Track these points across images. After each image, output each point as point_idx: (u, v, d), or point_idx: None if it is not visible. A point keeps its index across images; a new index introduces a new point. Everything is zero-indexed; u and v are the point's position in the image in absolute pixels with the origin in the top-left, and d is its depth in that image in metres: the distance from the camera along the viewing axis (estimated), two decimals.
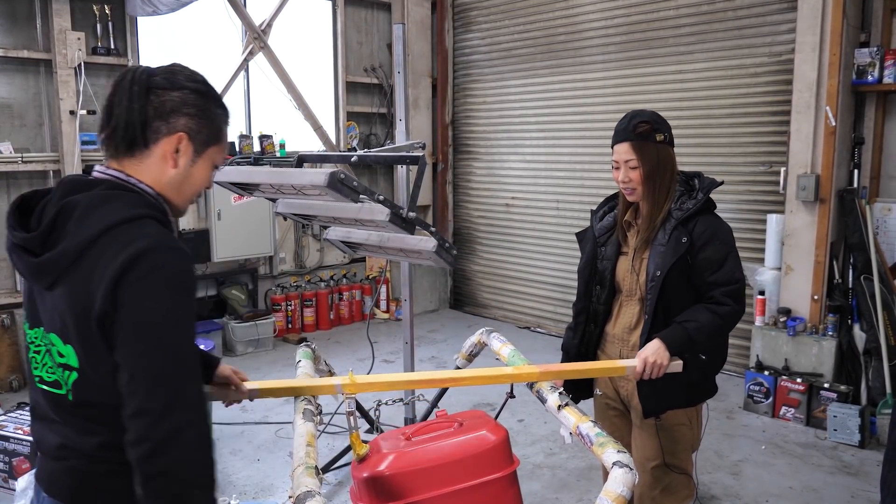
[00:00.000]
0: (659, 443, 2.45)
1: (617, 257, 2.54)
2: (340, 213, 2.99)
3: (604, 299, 2.57)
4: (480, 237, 7.51)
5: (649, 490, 2.50)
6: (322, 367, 2.98)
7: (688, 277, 2.36)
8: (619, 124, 2.45)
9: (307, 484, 1.65)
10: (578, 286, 2.67)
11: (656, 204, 2.42)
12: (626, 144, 2.40)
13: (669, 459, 2.45)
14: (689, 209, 2.38)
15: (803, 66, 4.74)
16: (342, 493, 3.69)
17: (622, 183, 2.44)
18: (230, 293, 6.33)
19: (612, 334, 2.57)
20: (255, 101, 6.62)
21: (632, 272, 2.48)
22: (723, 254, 2.35)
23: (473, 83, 7.35)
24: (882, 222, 4.78)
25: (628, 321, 2.51)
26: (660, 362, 2.27)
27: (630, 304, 2.51)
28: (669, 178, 2.43)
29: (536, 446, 4.27)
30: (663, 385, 2.33)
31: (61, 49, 5.21)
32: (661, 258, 2.36)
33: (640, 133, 2.39)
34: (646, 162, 2.38)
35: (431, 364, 5.83)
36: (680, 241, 2.35)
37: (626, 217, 2.53)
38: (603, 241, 2.61)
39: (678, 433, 2.46)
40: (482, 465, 2.08)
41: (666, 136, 2.43)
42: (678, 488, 2.49)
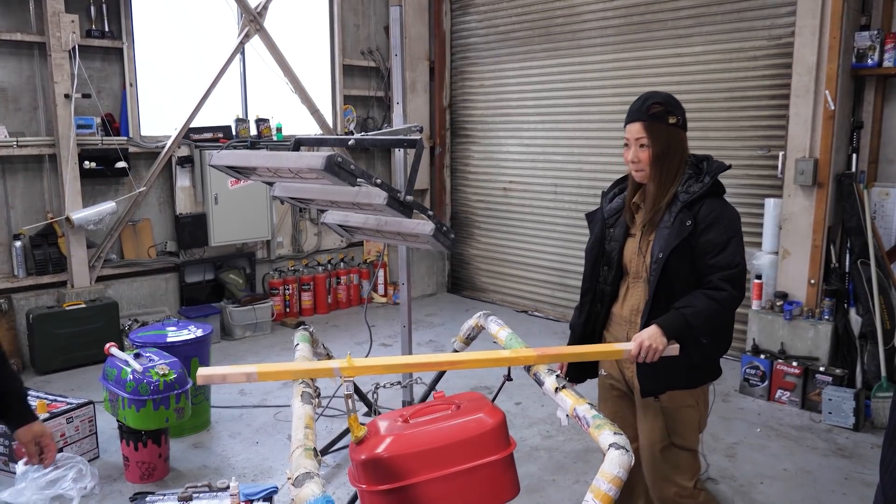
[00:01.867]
0: (664, 423, 2.47)
1: (625, 239, 2.54)
2: (338, 196, 2.98)
3: (611, 280, 2.57)
4: (478, 221, 7.50)
5: (657, 469, 2.53)
6: (320, 350, 3.00)
7: (691, 260, 2.37)
8: (634, 104, 2.46)
9: (306, 466, 1.66)
10: (585, 266, 2.68)
11: (662, 186, 2.42)
12: (639, 124, 2.41)
13: (675, 440, 2.48)
14: (695, 192, 2.38)
15: (803, 49, 4.72)
16: (341, 475, 3.71)
17: (631, 162, 2.45)
18: (228, 277, 6.34)
19: (619, 315, 2.57)
20: (251, 85, 6.58)
21: (639, 254, 2.49)
22: (725, 238, 2.35)
23: (471, 66, 7.31)
24: (879, 206, 4.78)
25: (635, 303, 2.51)
26: (655, 346, 2.28)
27: (637, 285, 2.51)
28: (678, 162, 2.43)
29: (533, 429, 4.29)
30: (663, 366, 2.35)
31: (55, 32, 5.17)
32: (665, 240, 2.37)
33: (653, 114, 2.39)
34: (656, 143, 2.38)
35: (429, 347, 5.85)
36: (684, 223, 2.35)
37: (635, 199, 2.53)
38: (611, 222, 2.61)
39: (685, 414, 2.48)
40: (479, 448, 2.09)
41: (679, 119, 2.43)
42: (685, 466, 2.52)
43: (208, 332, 4.31)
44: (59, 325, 5.18)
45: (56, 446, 2.09)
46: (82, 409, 3.86)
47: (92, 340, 5.15)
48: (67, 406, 3.83)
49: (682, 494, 2.52)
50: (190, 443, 4.15)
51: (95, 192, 5.64)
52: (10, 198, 5.33)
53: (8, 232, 5.33)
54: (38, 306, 5.32)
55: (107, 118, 5.58)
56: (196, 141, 6.09)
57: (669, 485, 2.52)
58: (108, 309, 5.41)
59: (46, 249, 5.44)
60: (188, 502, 2.82)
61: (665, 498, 2.56)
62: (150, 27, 5.90)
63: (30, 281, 5.36)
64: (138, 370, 3.55)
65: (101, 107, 5.57)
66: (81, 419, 3.85)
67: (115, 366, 3.65)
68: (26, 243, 5.36)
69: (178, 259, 6.15)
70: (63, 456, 3.48)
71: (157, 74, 6.00)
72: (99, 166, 5.49)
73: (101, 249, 5.68)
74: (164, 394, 3.53)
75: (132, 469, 3.68)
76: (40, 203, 5.46)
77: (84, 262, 5.52)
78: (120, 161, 5.57)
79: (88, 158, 5.43)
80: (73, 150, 5.33)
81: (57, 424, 3.71)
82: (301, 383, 2.12)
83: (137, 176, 5.78)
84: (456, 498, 2.07)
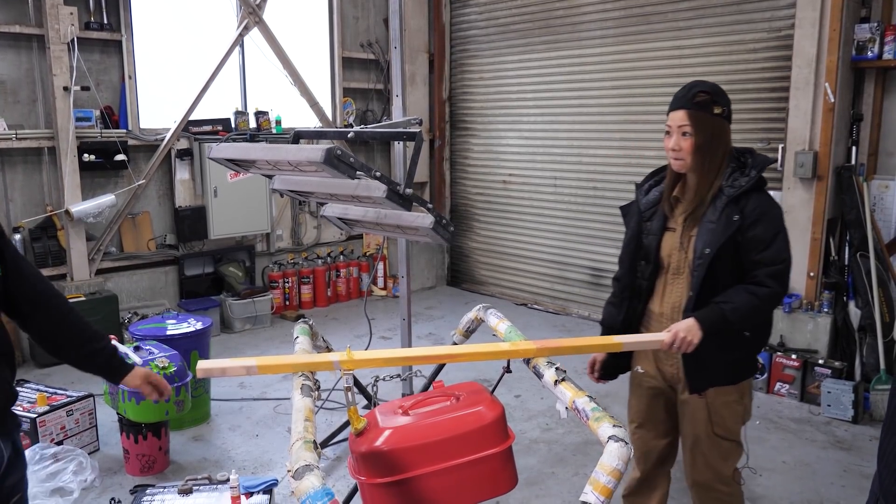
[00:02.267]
0: (707, 416, 2.47)
1: (662, 233, 2.51)
2: (337, 189, 2.97)
3: (648, 275, 2.54)
4: (478, 214, 7.50)
5: (698, 458, 2.54)
6: (320, 343, 2.99)
7: (735, 255, 2.34)
8: (679, 92, 2.42)
9: (305, 458, 1.67)
10: (622, 261, 2.65)
11: (705, 178, 2.38)
12: (682, 112, 2.38)
13: (718, 431, 2.48)
14: (742, 186, 2.33)
15: (803, 41, 4.70)
16: (340, 467, 3.72)
17: (672, 150, 2.41)
18: (227, 270, 6.33)
19: (659, 313, 2.53)
20: (250, 78, 6.56)
21: (680, 249, 2.45)
22: (772, 233, 2.32)
23: (471, 59, 7.29)
24: (879, 199, 4.78)
25: (676, 300, 2.47)
26: (689, 339, 2.27)
27: (677, 281, 2.48)
28: (722, 154, 2.39)
29: (533, 421, 4.30)
30: (709, 363, 2.36)
31: (54, 24, 5.15)
32: (711, 236, 2.33)
33: (698, 102, 2.36)
34: (699, 132, 2.35)
35: (429, 340, 5.85)
36: (731, 219, 2.31)
37: (675, 192, 2.50)
38: (648, 215, 2.57)
39: (730, 409, 2.47)
40: (479, 441, 2.10)
41: (725, 109, 2.38)
42: (726, 454, 2.53)
43: (208, 325, 4.31)
44: None
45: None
46: (82, 401, 3.87)
47: None
48: (67, 399, 3.84)
49: (720, 479, 2.55)
50: (190, 435, 4.16)
51: (95, 184, 5.63)
52: (10, 191, 5.32)
53: (7, 225, 5.32)
54: None
55: (106, 111, 5.57)
56: (195, 134, 6.08)
57: (707, 470, 2.54)
58: (107, 302, 5.41)
59: (46, 242, 5.44)
60: (188, 495, 2.83)
61: (701, 482, 2.58)
62: (148, 19, 5.88)
63: None
64: (138, 363, 3.55)
65: (100, 99, 5.56)
66: (81, 412, 3.85)
67: None
68: (26, 236, 5.36)
69: (177, 252, 6.14)
70: (63, 449, 3.49)
71: (156, 67, 5.99)
72: (98, 159, 5.49)
73: (101, 242, 5.68)
74: None
75: (132, 462, 3.69)
76: (39, 196, 5.45)
77: (83, 255, 5.52)
78: (119, 154, 5.56)
79: (87, 151, 5.42)
80: (72, 142, 5.32)
81: (57, 417, 3.72)
82: (301, 376, 2.12)
83: (137, 169, 5.77)
84: (455, 490, 2.08)
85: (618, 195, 6.14)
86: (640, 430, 2.72)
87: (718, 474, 2.53)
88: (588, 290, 6.53)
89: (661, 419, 2.64)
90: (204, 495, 2.83)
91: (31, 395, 3.82)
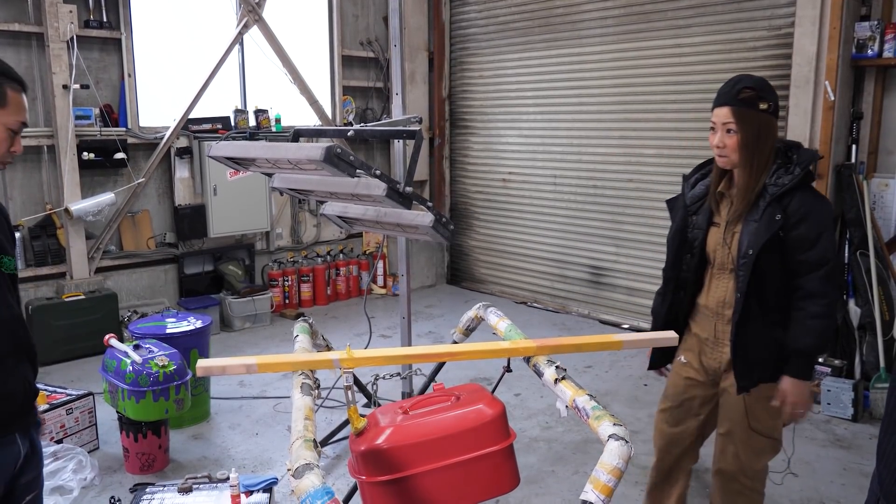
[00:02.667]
0: (745, 409, 2.48)
1: (708, 227, 2.51)
2: (337, 187, 2.97)
3: (694, 268, 2.56)
4: (477, 212, 7.50)
5: (730, 448, 2.56)
6: (319, 342, 2.99)
7: (780, 255, 2.34)
8: (723, 87, 2.39)
9: (305, 457, 1.66)
10: (668, 254, 2.66)
11: (753, 175, 2.36)
12: (727, 108, 2.34)
13: (755, 425, 2.49)
14: (785, 185, 2.31)
15: (803, 39, 4.70)
16: (340, 466, 3.72)
17: (716, 147, 2.39)
18: (227, 269, 6.33)
19: (706, 307, 2.56)
20: (250, 76, 6.56)
21: (724, 245, 2.45)
22: (816, 232, 2.30)
23: (470, 57, 7.28)
24: (879, 198, 4.78)
25: (722, 295, 2.49)
26: (804, 401, 2.35)
27: (722, 276, 2.49)
28: (769, 149, 2.36)
29: (533, 420, 4.30)
30: (757, 363, 2.38)
31: (53, 22, 5.15)
32: (754, 235, 2.33)
33: (743, 99, 2.32)
34: (745, 129, 2.32)
35: (428, 339, 5.85)
36: (773, 217, 2.30)
37: (720, 188, 2.49)
38: (694, 209, 2.57)
39: (768, 405, 2.48)
40: (479, 439, 2.10)
41: (771, 105, 2.35)
42: (760, 449, 2.55)
43: (207, 324, 4.31)
44: (59, 317, 5.18)
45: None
46: (82, 400, 3.87)
47: (91, 332, 5.15)
48: (67, 397, 3.84)
49: (745, 472, 2.56)
50: (190, 434, 4.16)
51: (94, 183, 5.63)
52: (9, 189, 5.31)
53: None
54: (38, 298, 5.32)
55: (105, 109, 5.57)
56: (195, 132, 6.08)
57: (736, 461, 2.56)
58: (107, 300, 5.41)
59: (45, 241, 5.44)
60: (188, 493, 2.83)
61: (725, 471, 2.60)
62: (148, 17, 5.87)
63: (29, 272, 5.36)
64: (138, 361, 3.55)
65: (100, 98, 5.56)
66: (81, 410, 3.85)
67: (115, 357, 3.66)
68: (25, 235, 5.36)
69: (177, 250, 6.14)
70: (63, 447, 3.49)
71: (155, 65, 5.98)
72: (97, 157, 5.48)
73: (100, 241, 5.67)
74: (164, 385, 3.54)
75: (132, 460, 3.69)
76: (39, 194, 5.45)
77: (83, 254, 5.52)
78: (119, 152, 5.56)
79: (87, 149, 5.42)
80: (71, 141, 5.31)
81: (57, 416, 3.71)
82: (300, 375, 2.12)
83: (136, 167, 5.77)
84: (456, 489, 2.08)
85: (617, 193, 6.15)
86: (667, 414, 2.73)
87: (746, 467, 2.55)
88: (588, 289, 6.53)
89: (693, 412, 2.66)
90: (204, 494, 2.83)
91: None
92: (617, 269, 6.25)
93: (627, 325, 6.14)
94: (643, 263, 6.01)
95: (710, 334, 2.56)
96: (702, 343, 2.59)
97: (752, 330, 2.39)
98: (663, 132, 5.77)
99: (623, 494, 3.41)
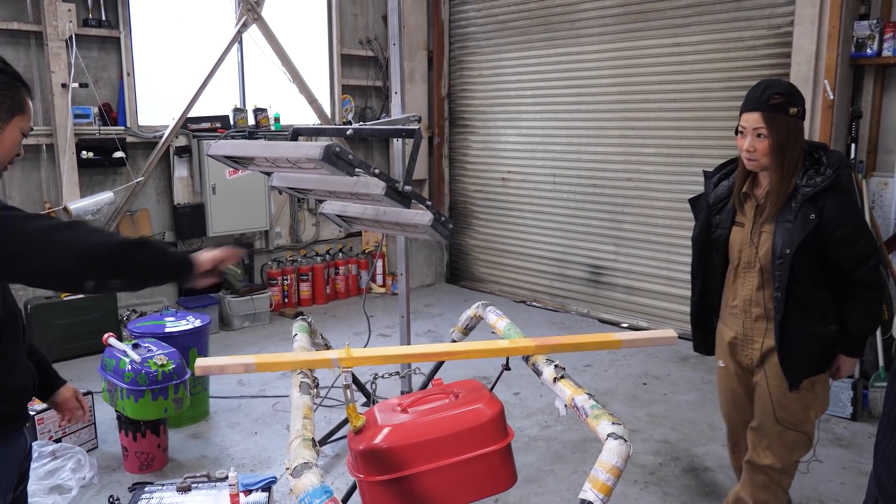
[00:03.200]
0: (771, 402, 2.54)
1: (731, 226, 2.56)
2: (336, 186, 2.97)
3: (719, 264, 2.63)
4: (477, 211, 7.50)
5: (762, 439, 2.62)
6: (318, 341, 2.99)
7: (814, 253, 2.38)
8: (752, 92, 2.44)
9: (304, 456, 1.66)
10: (693, 254, 2.73)
11: (785, 178, 2.40)
12: (757, 114, 2.39)
13: (782, 416, 2.54)
14: (819, 185, 2.35)
15: (802, 38, 4.70)
16: (339, 465, 3.72)
17: (746, 151, 2.43)
18: (226, 268, 6.32)
19: (733, 306, 2.61)
20: (249, 74, 6.55)
21: (750, 245, 2.49)
22: (858, 231, 2.39)
23: (469, 56, 7.28)
24: (878, 196, 4.77)
25: (748, 293, 2.54)
26: (850, 370, 2.59)
27: (748, 276, 2.53)
28: (798, 152, 2.41)
29: (532, 419, 4.30)
30: (803, 358, 2.45)
31: (52, 21, 5.14)
32: (789, 235, 2.36)
33: (774, 105, 2.37)
34: (775, 134, 2.36)
35: (428, 338, 5.85)
36: (808, 217, 2.34)
37: (745, 188, 2.53)
38: (717, 209, 2.62)
39: (796, 396, 2.53)
40: (478, 438, 2.10)
41: (800, 109, 2.40)
42: (793, 444, 2.59)
43: (206, 323, 4.30)
44: (57, 316, 5.18)
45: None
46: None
47: (90, 331, 5.15)
48: None
49: (774, 468, 2.61)
50: (188, 433, 4.16)
51: (93, 182, 5.63)
52: (8, 188, 5.31)
53: None
54: (36, 296, 5.32)
55: (104, 108, 5.56)
56: (194, 131, 6.07)
57: (768, 453, 2.61)
58: (105, 299, 5.40)
59: None
60: (187, 492, 2.83)
61: (756, 462, 2.65)
62: (147, 16, 5.87)
63: None
64: (137, 360, 3.55)
65: (99, 96, 5.55)
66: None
67: (114, 356, 3.65)
68: None
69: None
70: (62, 446, 3.49)
71: (154, 64, 5.97)
72: (96, 156, 5.48)
73: None
74: (163, 384, 3.54)
75: (131, 459, 3.69)
76: (38, 193, 5.44)
77: None
78: (117, 151, 5.55)
79: (86, 148, 5.42)
80: (70, 139, 5.31)
81: (55, 415, 3.69)
82: (299, 374, 2.12)
83: (135, 166, 5.76)
84: (454, 487, 2.08)
85: (617, 192, 6.15)
86: (732, 420, 2.84)
87: (776, 461, 2.60)
88: (587, 288, 6.53)
89: (747, 410, 2.72)
90: (202, 493, 2.83)
91: None
92: (616, 267, 6.26)
93: (626, 324, 6.14)
94: (642, 262, 6.01)
95: (738, 332, 2.62)
96: (733, 342, 2.65)
97: (794, 327, 2.44)
98: (662, 131, 5.77)
99: (622, 493, 3.42)
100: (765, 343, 2.55)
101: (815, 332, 2.45)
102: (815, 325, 2.45)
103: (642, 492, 3.47)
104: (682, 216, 5.70)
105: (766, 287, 2.50)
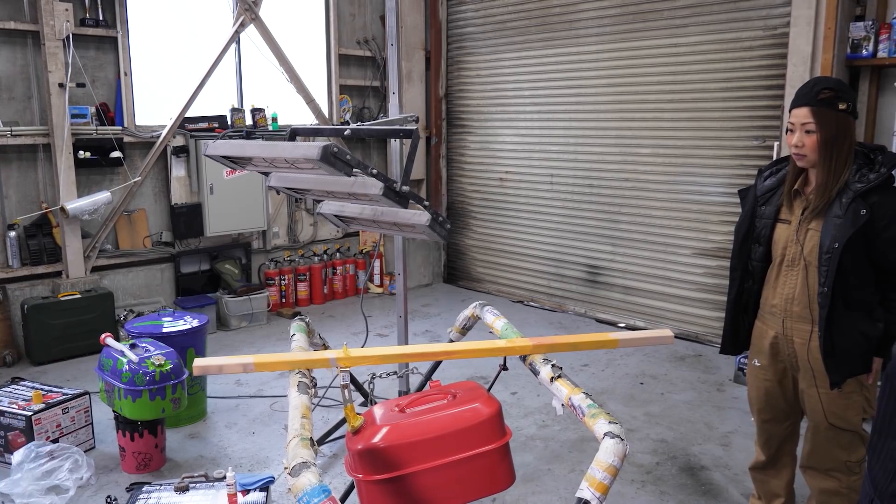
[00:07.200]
0: (822, 407, 2.55)
1: (775, 220, 2.56)
2: (334, 186, 2.98)
3: (760, 257, 2.61)
4: (474, 211, 7.50)
5: (818, 444, 2.63)
6: (316, 340, 3.00)
7: (863, 250, 2.37)
8: (802, 88, 2.43)
9: (302, 455, 1.67)
10: (734, 243, 2.72)
11: (832, 174, 2.40)
12: (806, 109, 2.39)
13: (834, 420, 2.55)
14: (871, 181, 2.34)
15: (798, 39, 4.72)
16: (337, 464, 3.72)
17: (794, 147, 2.43)
18: (223, 268, 6.33)
19: (773, 304, 2.60)
20: (246, 74, 6.55)
21: (795, 242, 2.49)
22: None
23: (467, 56, 7.29)
24: None
25: (790, 292, 2.53)
26: None
27: (791, 273, 2.53)
28: (847, 149, 2.40)
29: (529, 418, 4.31)
30: (847, 357, 2.43)
31: (49, 20, 5.14)
32: (839, 230, 2.35)
33: (823, 99, 2.37)
34: (824, 129, 2.36)
35: (425, 338, 5.86)
36: (858, 213, 2.33)
37: (796, 186, 2.53)
38: (763, 200, 2.62)
39: (847, 400, 2.53)
40: (475, 438, 2.10)
41: (849, 105, 2.40)
42: (846, 444, 2.59)
43: (204, 323, 4.30)
44: (55, 316, 5.17)
45: None
46: (78, 399, 3.86)
47: (87, 331, 5.14)
48: (63, 396, 3.83)
49: (837, 468, 2.61)
50: (186, 433, 4.16)
51: (90, 181, 5.62)
52: (5, 188, 5.30)
53: (2, 222, 5.31)
54: (33, 297, 5.31)
55: (101, 107, 5.56)
56: (191, 131, 6.07)
57: (827, 458, 2.62)
58: (103, 299, 5.40)
59: (41, 240, 5.43)
60: (185, 492, 2.83)
61: (817, 467, 2.66)
62: (144, 16, 5.86)
63: (24, 271, 5.35)
64: (134, 360, 3.55)
65: (96, 96, 5.55)
66: (77, 410, 3.85)
67: (111, 356, 3.65)
68: (21, 233, 5.34)
69: (173, 249, 6.13)
70: (59, 446, 3.49)
71: (151, 64, 5.97)
72: (93, 156, 5.48)
73: (96, 240, 5.66)
74: (160, 384, 3.54)
75: (128, 459, 3.69)
76: (35, 193, 5.44)
77: (79, 253, 5.51)
78: (115, 151, 5.55)
79: (83, 148, 5.41)
80: (67, 139, 5.30)
81: (53, 415, 3.71)
82: (297, 373, 2.13)
83: (132, 166, 5.76)
84: (452, 487, 2.08)
85: (614, 192, 6.16)
86: (761, 418, 2.83)
87: (836, 463, 2.60)
88: (584, 287, 6.54)
89: (780, 408, 2.73)
90: (200, 493, 2.83)
91: (27, 393, 3.81)
92: (613, 267, 6.27)
93: (624, 323, 6.15)
94: (639, 262, 6.02)
95: (778, 331, 2.62)
96: (774, 343, 2.65)
97: (840, 324, 2.43)
98: (659, 131, 5.78)
99: (619, 492, 3.43)
100: (810, 345, 2.52)
101: (863, 329, 2.42)
102: (862, 323, 2.42)
103: (639, 491, 3.48)
104: (679, 216, 5.71)
105: (809, 285, 2.48)
